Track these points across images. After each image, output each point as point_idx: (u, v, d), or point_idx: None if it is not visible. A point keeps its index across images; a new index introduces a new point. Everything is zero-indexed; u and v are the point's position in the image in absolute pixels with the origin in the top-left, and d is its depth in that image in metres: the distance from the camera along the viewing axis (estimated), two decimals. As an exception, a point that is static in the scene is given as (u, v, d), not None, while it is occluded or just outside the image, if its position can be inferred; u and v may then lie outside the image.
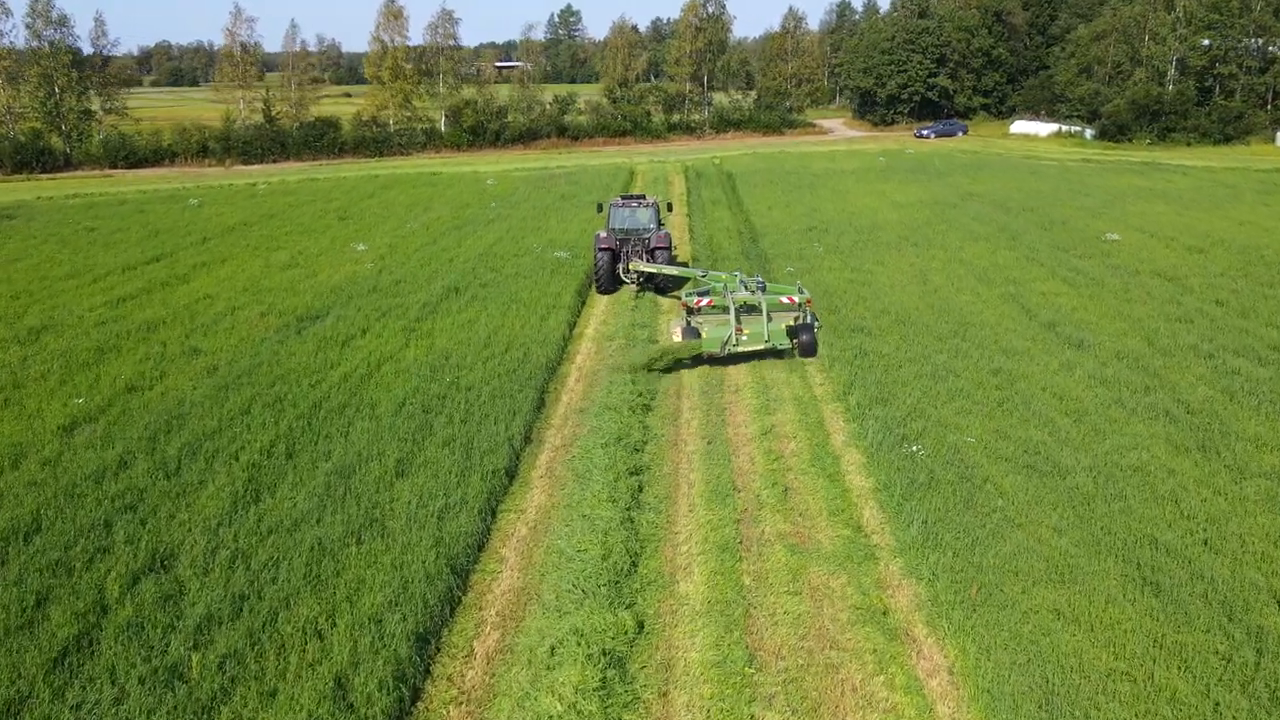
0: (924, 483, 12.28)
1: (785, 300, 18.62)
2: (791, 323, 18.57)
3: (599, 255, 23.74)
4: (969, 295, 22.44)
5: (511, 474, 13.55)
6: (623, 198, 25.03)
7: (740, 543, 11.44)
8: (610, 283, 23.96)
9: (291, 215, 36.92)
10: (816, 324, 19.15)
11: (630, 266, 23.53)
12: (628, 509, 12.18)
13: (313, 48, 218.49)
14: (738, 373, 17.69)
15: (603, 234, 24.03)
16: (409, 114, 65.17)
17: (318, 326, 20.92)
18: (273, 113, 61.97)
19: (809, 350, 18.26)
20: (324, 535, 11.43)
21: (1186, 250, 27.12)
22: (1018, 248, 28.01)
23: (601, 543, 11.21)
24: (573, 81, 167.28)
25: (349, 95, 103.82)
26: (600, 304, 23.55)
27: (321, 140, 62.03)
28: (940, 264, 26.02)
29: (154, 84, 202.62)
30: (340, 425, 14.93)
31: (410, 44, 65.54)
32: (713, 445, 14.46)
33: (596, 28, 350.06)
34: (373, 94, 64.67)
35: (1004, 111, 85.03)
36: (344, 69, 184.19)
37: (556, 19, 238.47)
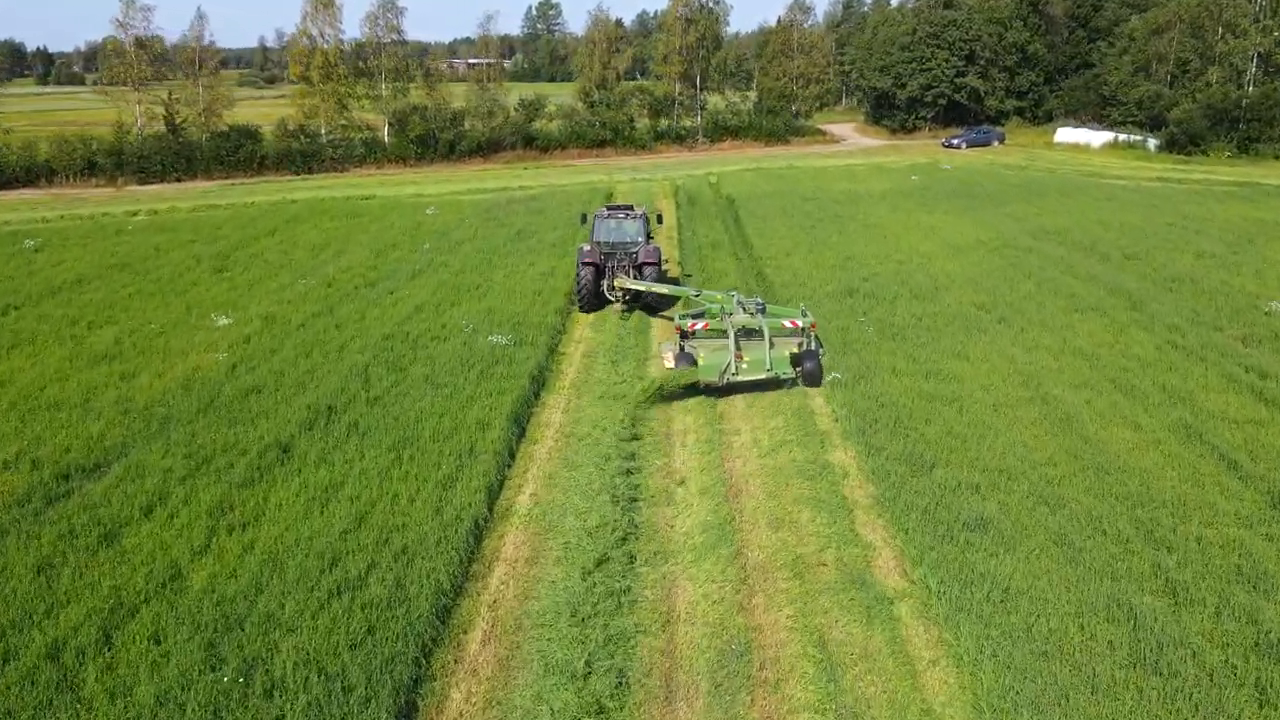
0: None
1: (788, 324, 18.24)
2: (795, 349, 18.00)
3: (582, 270, 23.17)
4: (1124, 429, 15.27)
5: None
6: (608, 208, 24.73)
7: None
8: (594, 301, 23.50)
9: (151, 265, 29.51)
10: (821, 350, 18.57)
11: (616, 284, 22.99)
12: None
13: (272, 43, 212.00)
14: (774, 626, 10.43)
15: (586, 247, 23.53)
16: (344, 122, 57.74)
17: (83, 492, 13.66)
18: (176, 121, 54.42)
19: (813, 379, 17.53)
20: None
21: (1399, 332, 20.14)
22: (1151, 325, 20.94)
23: None
24: (552, 80, 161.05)
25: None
26: (552, 426, 16.34)
27: (237, 154, 54.55)
28: (1051, 358, 18.91)
29: (95, 82, 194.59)
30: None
31: (345, 38, 58.21)
32: None
33: (579, 22, 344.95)
34: (300, 98, 57.16)
35: (1040, 116, 78.57)
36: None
37: (534, 12, 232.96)
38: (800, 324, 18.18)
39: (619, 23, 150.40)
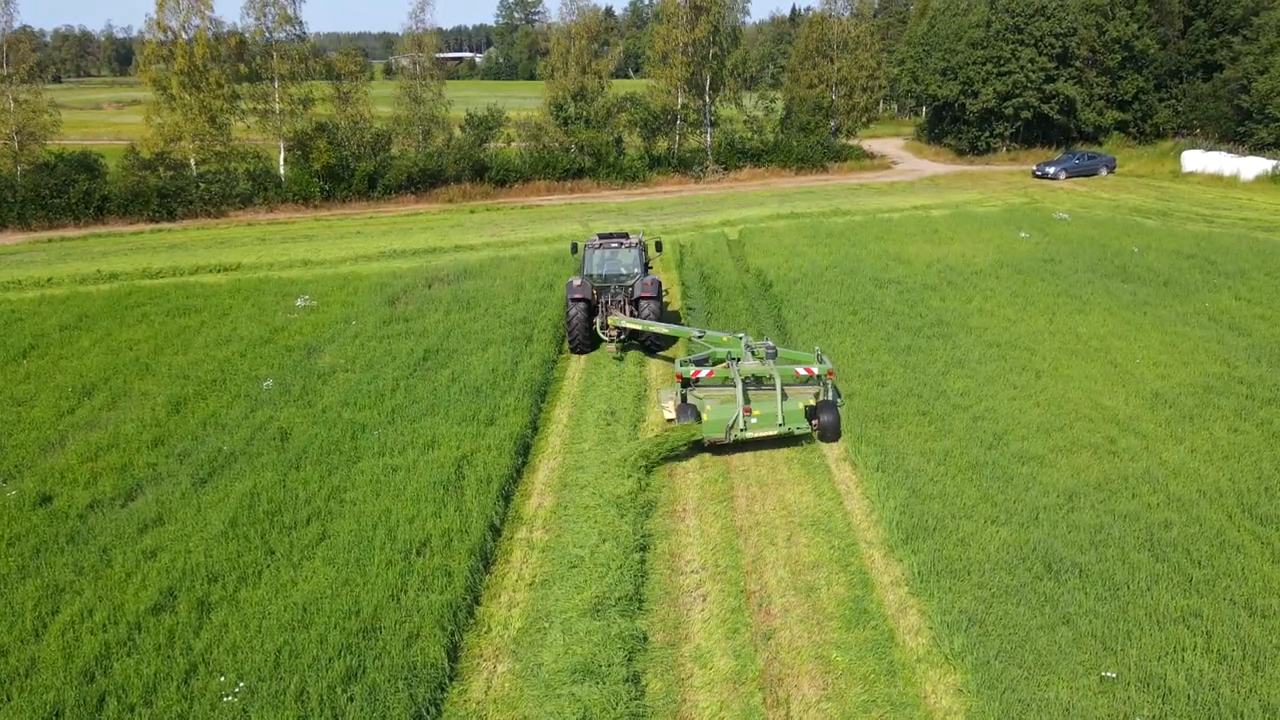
0: None
1: (802, 372, 18.53)
2: (811, 401, 18.21)
3: (572, 307, 23.52)
4: None
5: None
6: (600, 236, 25.37)
7: None
8: (586, 341, 23.81)
9: None
10: (839, 400, 18.84)
11: (610, 322, 23.16)
12: None
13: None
14: None
15: (576, 281, 23.78)
16: (221, 148, 47.15)
17: None
18: (-22, 147, 44.06)
19: (831, 433, 17.96)
20: None
21: None
22: None
23: None
24: (531, 78, 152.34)
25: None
26: None
27: (66, 195, 44.02)
28: None
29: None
30: None
31: (222, 30, 47.42)
32: None
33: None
34: (154, 114, 46.36)
35: (1147, 132, 68.63)
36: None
37: (512, 1, 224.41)
38: (816, 371, 18.49)
39: (609, 12, 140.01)
